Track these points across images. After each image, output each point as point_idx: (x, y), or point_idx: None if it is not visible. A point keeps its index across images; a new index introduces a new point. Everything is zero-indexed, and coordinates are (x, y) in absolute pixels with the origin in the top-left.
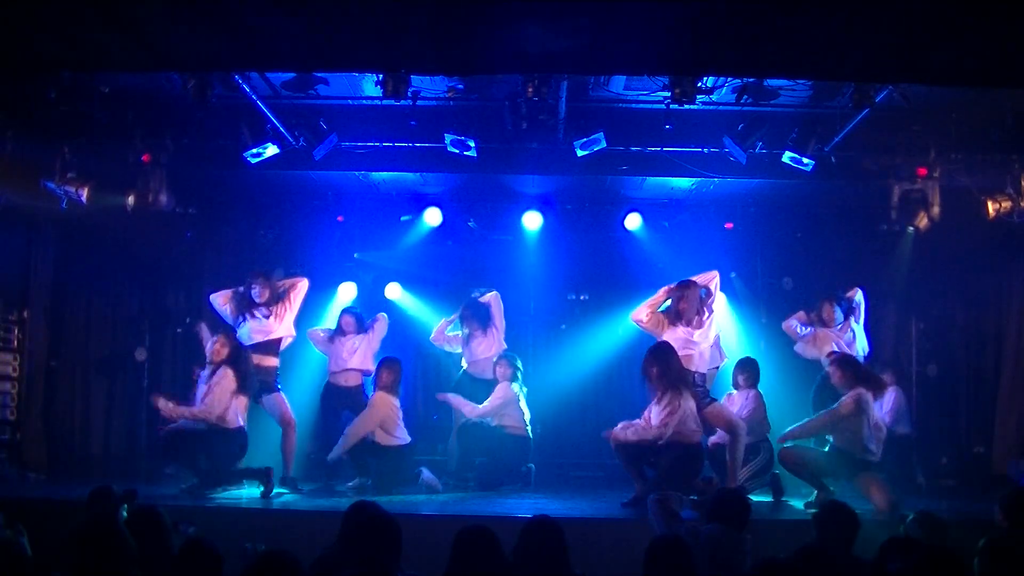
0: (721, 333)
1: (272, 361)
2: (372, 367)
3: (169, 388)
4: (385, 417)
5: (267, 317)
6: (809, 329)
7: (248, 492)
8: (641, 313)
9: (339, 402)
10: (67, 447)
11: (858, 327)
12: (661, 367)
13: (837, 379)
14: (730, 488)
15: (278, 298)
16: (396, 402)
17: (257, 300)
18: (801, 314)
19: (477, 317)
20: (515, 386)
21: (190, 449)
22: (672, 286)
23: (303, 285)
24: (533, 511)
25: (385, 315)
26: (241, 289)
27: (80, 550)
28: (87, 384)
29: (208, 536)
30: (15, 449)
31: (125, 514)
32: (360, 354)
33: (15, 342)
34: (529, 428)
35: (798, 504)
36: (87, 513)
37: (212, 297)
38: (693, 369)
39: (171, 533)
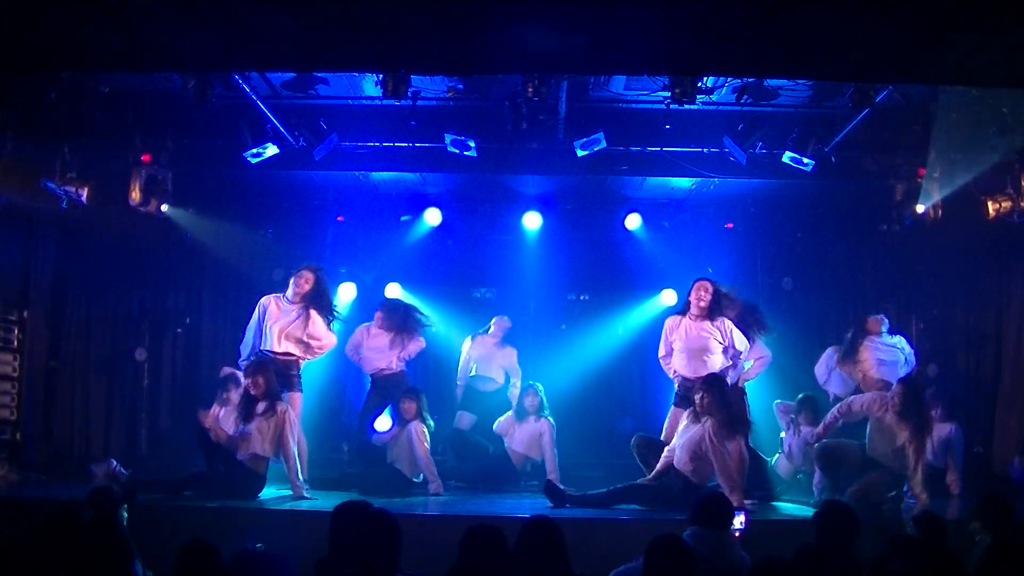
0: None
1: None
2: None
3: (169, 388)
4: None
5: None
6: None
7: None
8: None
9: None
10: (67, 447)
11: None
12: None
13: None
14: (712, 491)
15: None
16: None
17: (291, 299)
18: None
19: None
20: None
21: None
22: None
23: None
24: (533, 511)
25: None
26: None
27: (80, 550)
28: (87, 384)
29: (207, 536)
30: (15, 449)
31: (125, 514)
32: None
33: (15, 342)
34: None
35: (798, 504)
36: (87, 513)
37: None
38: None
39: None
